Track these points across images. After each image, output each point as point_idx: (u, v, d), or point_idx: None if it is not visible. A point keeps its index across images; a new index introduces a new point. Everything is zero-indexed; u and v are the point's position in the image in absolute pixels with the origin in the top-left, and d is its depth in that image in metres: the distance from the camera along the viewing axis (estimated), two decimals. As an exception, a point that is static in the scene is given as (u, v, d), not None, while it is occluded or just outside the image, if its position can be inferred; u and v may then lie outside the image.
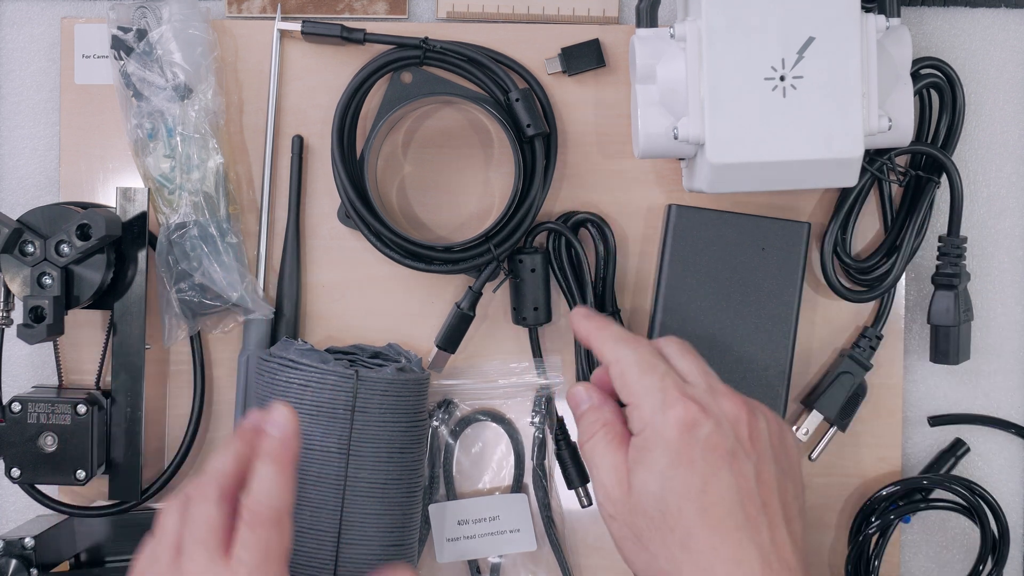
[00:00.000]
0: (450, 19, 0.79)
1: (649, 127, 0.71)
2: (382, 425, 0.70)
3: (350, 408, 0.68)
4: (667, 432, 0.58)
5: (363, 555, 0.69)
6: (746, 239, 0.74)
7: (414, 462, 0.72)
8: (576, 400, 0.64)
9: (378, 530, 0.70)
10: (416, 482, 0.73)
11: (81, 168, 0.79)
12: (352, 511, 0.69)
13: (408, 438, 0.71)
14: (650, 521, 0.57)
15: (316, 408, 0.69)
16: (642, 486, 0.58)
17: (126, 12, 0.76)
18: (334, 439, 0.69)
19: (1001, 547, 0.75)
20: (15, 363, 0.80)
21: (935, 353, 0.78)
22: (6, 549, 0.72)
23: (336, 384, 0.69)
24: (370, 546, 0.70)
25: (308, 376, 0.69)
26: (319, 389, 0.69)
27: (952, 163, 0.75)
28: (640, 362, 0.61)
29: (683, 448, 0.57)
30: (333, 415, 0.69)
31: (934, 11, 0.80)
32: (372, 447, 0.70)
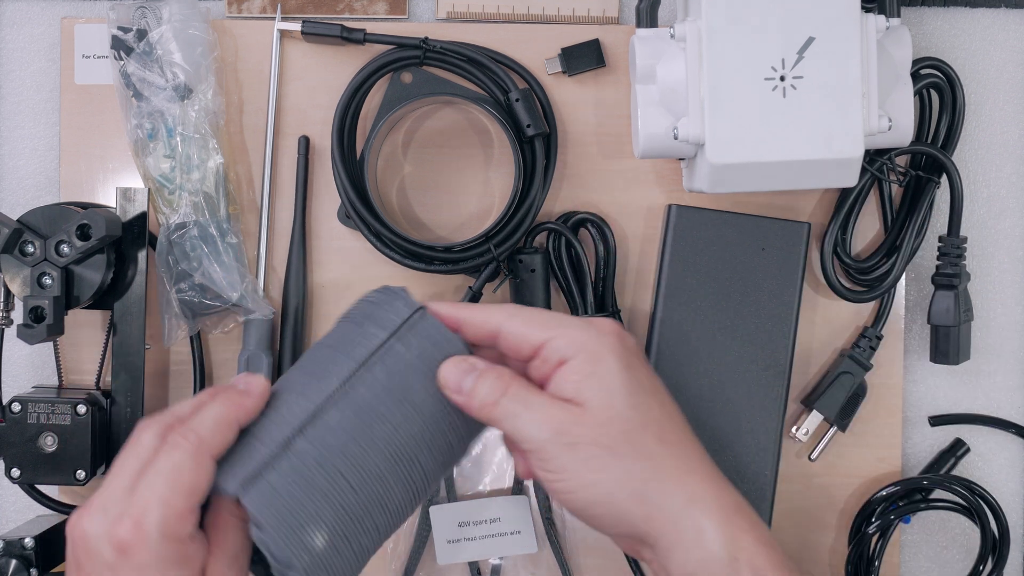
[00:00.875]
0: (450, 19, 0.79)
1: (649, 127, 0.71)
2: (408, 365, 0.59)
3: (390, 330, 0.60)
4: (611, 342, 0.58)
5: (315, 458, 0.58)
6: (746, 239, 0.74)
7: (416, 429, 0.59)
8: (459, 373, 0.57)
9: (339, 452, 0.58)
10: (409, 456, 0.59)
11: (81, 168, 0.79)
12: (328, 416, 0.58)
13: (423, 401, 0.59)
14: (622, 427, 0.57)
15: (362, 315, 0.61)
16: (605, 396, 0.57)
17: (126, 12, 0.76)
18: (360, 349, 0.60)
19: (1001, 547, 0.75)
20: (15, 363, 0.80)
21: (935, 353, 0.78)
22: (6, 549, 0.72)
23: (395, 305, 0.61)
24: (327, 454, 0.58)
25: (380, 295, 0.63)
26: (377, 303, 0.62)
27: (952, 163, 0.75)
28: (534, 308, 0.61)
29: (625, 354, 0.58)
30: (370, 328, 0.61)
31: (934, 11, 0.80)
32: (385, 377, 0.59)
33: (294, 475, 0.56)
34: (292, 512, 0.55)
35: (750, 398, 0.74)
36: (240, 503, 0.55)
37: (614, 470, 0.56)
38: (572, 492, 0.57)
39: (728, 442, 0.73)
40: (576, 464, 0.56)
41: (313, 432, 0.57)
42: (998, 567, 0.75)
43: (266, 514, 0.55)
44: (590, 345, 0.57)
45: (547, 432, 0.56)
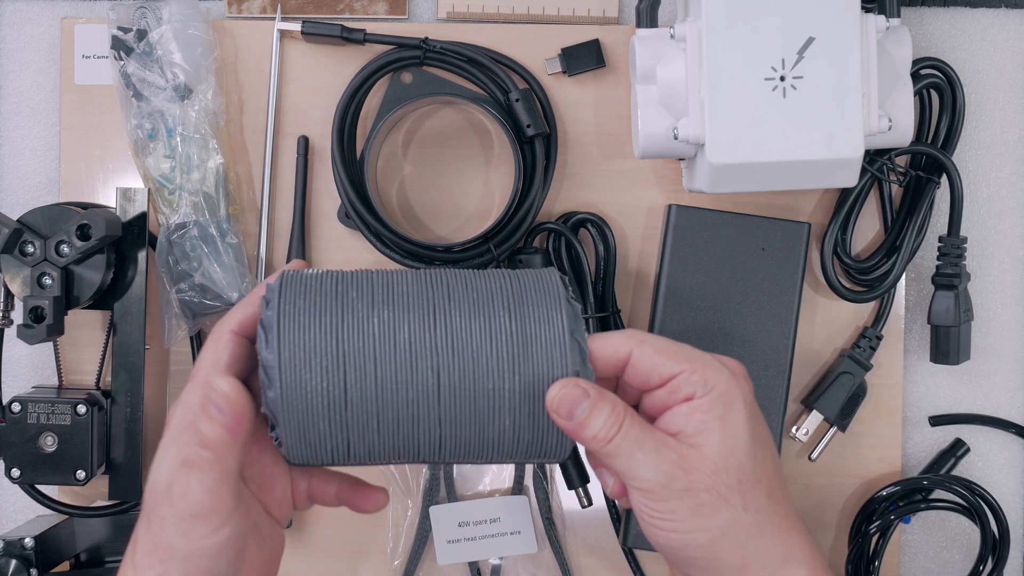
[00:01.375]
0: (450, 19, 0.79)
1: (649, 127, 0.71)
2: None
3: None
4: (742, 387, 0.56)
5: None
6: (746, 239, 0.74)
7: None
8: (572, 400, 0.54)
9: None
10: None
11: (81, 168, 0.79)
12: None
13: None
14: (739, 477, 0.55)
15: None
16: (728, 443, 0.55)
17: (126, 12, 0.76)
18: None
19: (1001, 547, 0.75)
20: (15, 363, 0.80)
21: (935, 353, 0.78)
22: (6, 549, 0.72)
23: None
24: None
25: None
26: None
27: (952, 163, 0.75)
28: (651, 335, 0.58)
29: (751, 401, 0.57)
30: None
31: (934, 11, 0.80)
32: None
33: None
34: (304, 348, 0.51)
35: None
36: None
37: (723, 519, 0.55)
38: (677, 533, 0.55)
39: (728, 442, 0.73)
40: (686, 508, 0.55)
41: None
42: (998, 567, 0.75)
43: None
44: (722, 387, 0.56)
45: (663, 477, 0.54)
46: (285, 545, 0.79)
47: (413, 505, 0.79)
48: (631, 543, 0.76)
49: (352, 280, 0.54)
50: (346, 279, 0.54)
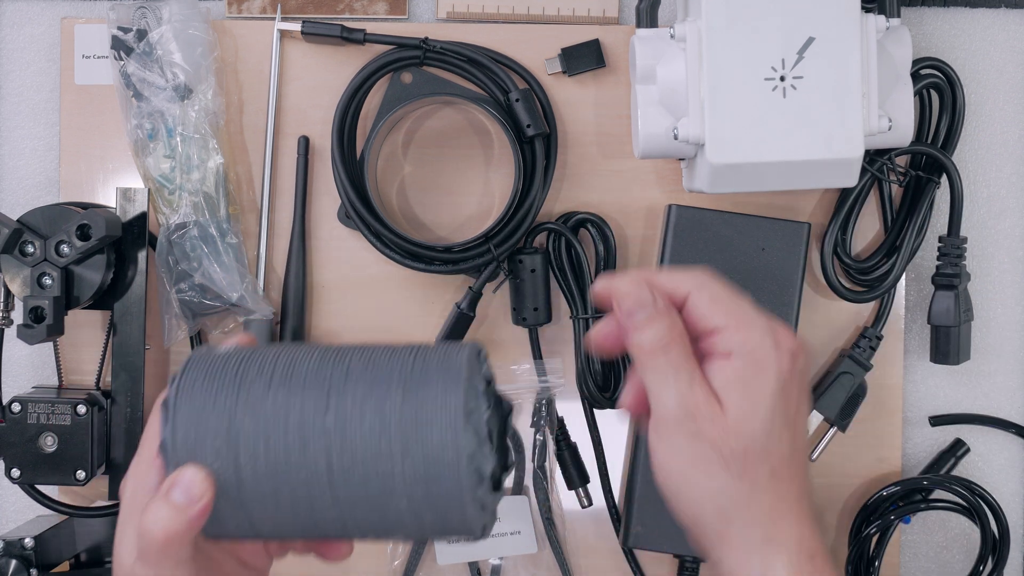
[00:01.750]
0: (450, 19, 0.79)
1: (649, 127, 0.71)
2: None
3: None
4: (781, 359, 0.55)
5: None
6: (746, 239, 0.74)
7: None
8: (638, 302, 0.55)
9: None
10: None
11: (81, 168, 0.79)
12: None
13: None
14: (745, 446, 0.55)
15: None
16: (747, 409, 0.55)
17: (126, 12, 0.76)
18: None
19: (1001, 547, 0.75)
20: (15, 363, 0.80)
21: (935, 353, 0.78)
22: (6, 549, 0.72)
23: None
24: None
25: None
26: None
27: (952, 163, 0.75)
28: (728, 287, 0.57)
29: (789, 377, 0.56)
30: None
31: (934, 11, 0.80)
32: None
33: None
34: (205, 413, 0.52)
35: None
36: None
37: (716, 480, 0.55)
38: (668, 473, 0.56)
39: (728, 442, 0.73)
40: (688, 454, 0.55)
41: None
42: (998, 567, 0.75)
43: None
44: (759, 354, 0.55)
45: (681, 411, 0.54)
46: (285, 545, 0.79)
47: (413, 505, 0.79)
48: (631, 543, 0.76)
49: (255, 360, 0.54)
50: (250, 359, 0.54)
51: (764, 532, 0.56)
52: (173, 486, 0.51)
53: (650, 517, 0.75)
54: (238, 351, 0.55)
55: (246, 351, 0.55)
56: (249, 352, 0.54)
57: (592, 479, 0.79)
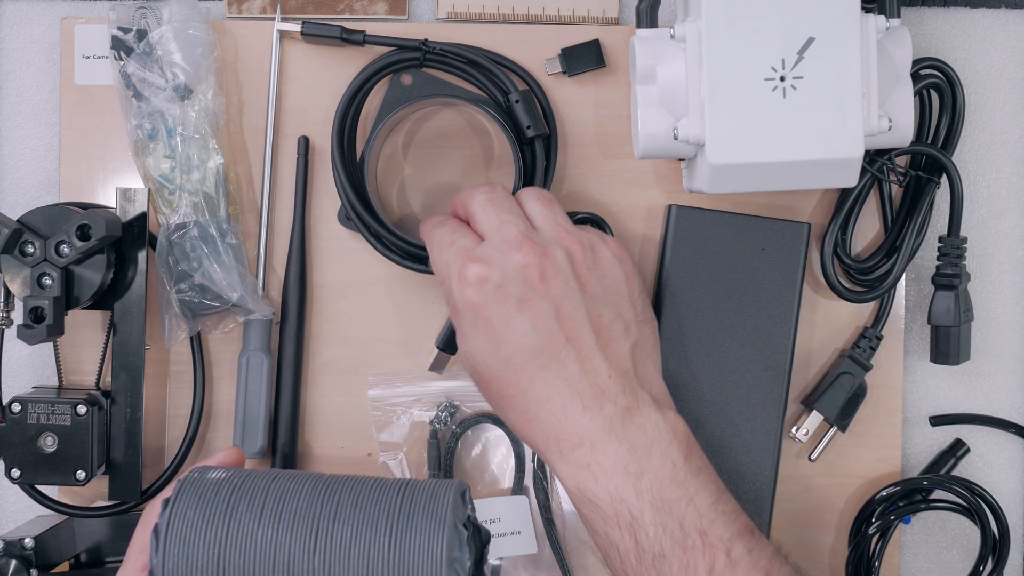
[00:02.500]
0: (450, 20, 0.79)
1: (649, 127, 0.71)
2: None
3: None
4: (464, 295, 0.61)
5: None
6: (746, 239, 0.74)
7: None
8: (431, 221, 0.71)
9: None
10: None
11: (81, 169, 0.79)
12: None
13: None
14: (478, 380, 0.62)
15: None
16: (463, 353, 0.62)
17: (126, 12, 0.76)
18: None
19: (1001, 548, 0.75)
20: (15, 363, 0.80)
21: (935, 354, 0.78)
22: (6, 550, 0.72)
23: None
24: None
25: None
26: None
27: (952, 164, 0.75)
28: (449, 225, 0.65)
29: (479, 307, 0.60)
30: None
31: (934, 11, 0.80)
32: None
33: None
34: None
35: (750, 398, 0.74)
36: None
37: (497, 408, 0.63)
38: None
39: (728, 442, 0.73)
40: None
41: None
42: (998, 567, 0.75)
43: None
44: (452, 301, 0.64)
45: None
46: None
47: (413, 505, 0.79)
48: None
49: (246, 490, 0.55)
50: (241, 488, 0.55)
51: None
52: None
53: (650, 517, 0.75)
54: (229, 478, 0.56)
55: (238, 478, 0.56)
56: (241, 480, 0.56)
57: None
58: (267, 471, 0.58)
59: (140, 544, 0.55)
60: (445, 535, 0.54)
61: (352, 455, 0.79)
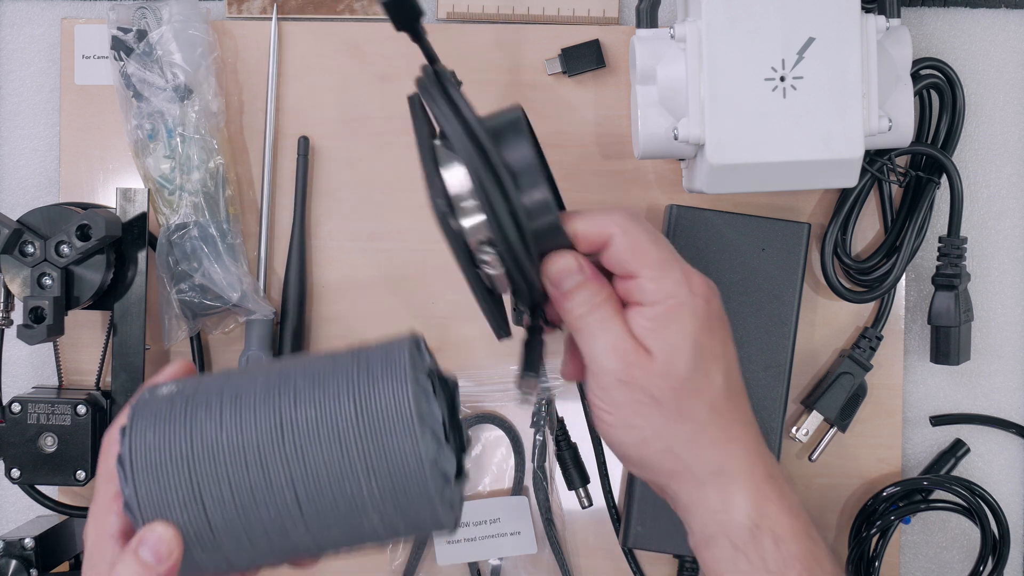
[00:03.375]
0: (450, 20, 0.79)
1: (649, 128, 0.71)
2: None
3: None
4: (695, 302, 0.58)
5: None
6: (746, 239, 0.74)
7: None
8: (566, 271, 0.58)
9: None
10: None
11: (81, 169, 0.79)
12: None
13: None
14: (675, 386, 0.57)
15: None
16: (671, 350, 0.57)
17: (126, 13, 0.76)
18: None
19: (1001, 548, 0.75)
20: (15, 363, 0.80)
21: (936, 354, 0.78)
22: (6, 550, 0.72)
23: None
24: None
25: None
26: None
27: (952, 164, 0.75)
28: (649, 232, 0.59)
29: (707, 317, 0.58)
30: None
31: (934, 11, 0.80)
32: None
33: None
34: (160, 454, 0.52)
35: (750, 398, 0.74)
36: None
37: (655, 422, 0.57)
38: (612, 427, 0.58)
39: (728, 442, 0.73)
40: (624, 403, 0.57)
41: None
42: (998, 567, 0.75)
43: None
44: (673, 301, 0.57)
45: (613, 363, 0.57)
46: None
47: (413, 505, 0.79)
48: (631, 543, 0.76)
49: (200, 397, 0.53)
50: (195, 398, 0.53)
51: (714, 464, 0.58)
52: (141, 543, 0.51)
53: (650, 517, 0.75)
54: (181, 389, 0.54)
55: (189, 387, 0.54)
56: (193, 389, 0.54)
57: (592, 479, 0.78)
58: (217, 373, 0.56)
59: (106, 474, 0.54)
60: (410, 392, 0.51)
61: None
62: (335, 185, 0.79)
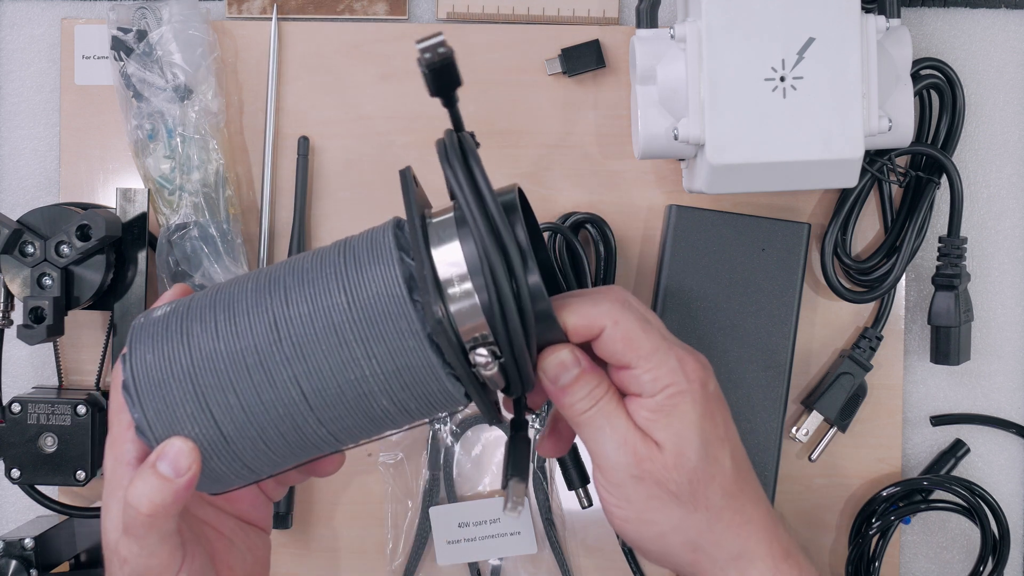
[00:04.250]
0: (450, 20, 0.79)
1: (649, 128, 0.71)
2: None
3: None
4: (693, 388, 0.57)
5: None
6: (746, 239, 0.74)
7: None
8: (563, 367, 0.55)
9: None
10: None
11: (81, 169, 0.79)
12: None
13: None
14: (689, 476, 0.56)
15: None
16: (679, 441, 0.56)
17: (126, 13, 0.76)
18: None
19: (1001, 548, 0.75)
20: (15, 364, 0.80)
21: (936, 354, 0.78)
22: (6, 550, 0.72)
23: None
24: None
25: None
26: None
27: (952, 164, 0.75)
28: (640, 319, 0.58)
29: (706, 402, 0.57)
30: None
31: (934, 12, 0.80)
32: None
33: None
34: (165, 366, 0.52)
35: (750, 398, 0.74)
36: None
37: (673, 515, 0.56)
38: (627, 521, 0.57)
39: (728, 443, 0.73)
40: (639, 498, 0.57)
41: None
42: (998, 567, 0.75)
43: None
44: (672, 390, 0.56)
45: (624, 457, 0.56)
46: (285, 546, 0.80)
47: (413, 506, 0.79)
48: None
49: (193, 312, 0.53)
50: (188, 313, 0.53)
51: (734, 549, 0.57)
52: (160, 458, 0.51)
53: (650, 517, 0.75)
54: (174, 308, 0.54)
55: (181, 305, 0.54)
56: (185, 306, 0.54)
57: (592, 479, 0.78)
58: (207, 288, 0.56)
59: (117, 405, 0.54)
60: (398, 272, 0.51)
61: (351, 455, 0.79)
62: (335, 185, 0.79)
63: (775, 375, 0.74)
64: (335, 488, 0.79)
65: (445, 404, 0.53)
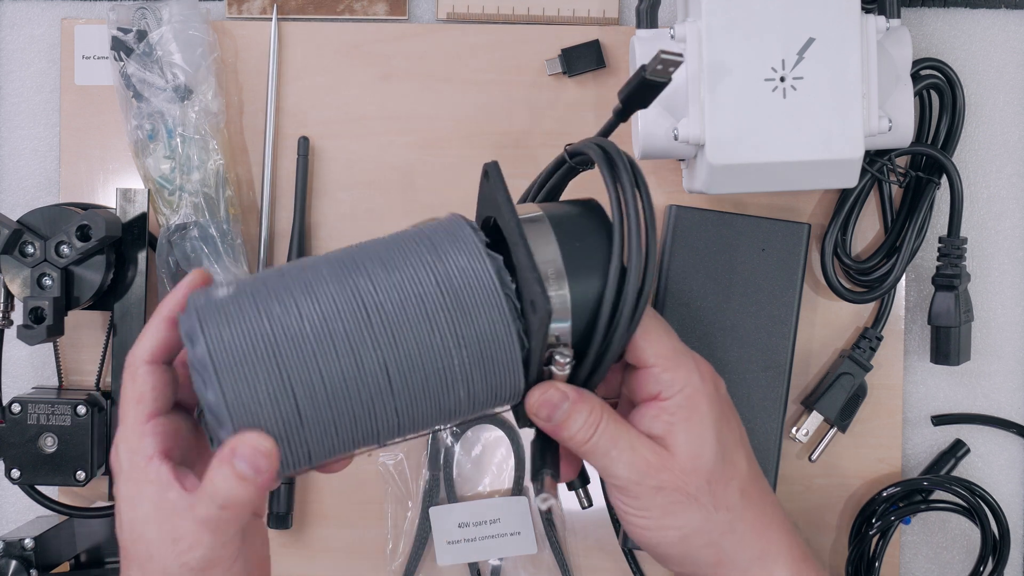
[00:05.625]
0: (450, 20, 0.79)
1: (649, 128, 0.71)
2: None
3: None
4: (708, 389, 0.58)
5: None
6: (746, 240, 0.74)
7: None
8: (552, 404, 0.55)
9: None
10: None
11: (81, 169, 0.79)
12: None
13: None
14: (707, 475, 0.57)
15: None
16: (695, 445, 0.56)
17: (126, 13, 0.76)
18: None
19: (1001, 548, 0.75)
20: (15, 364, 0.80)
21: (936, 354, 0.78)
22: (6, 550, 0.72)
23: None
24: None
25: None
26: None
27: (952, 164, 0.75)
28: (659, 321, 0.58)
29: (721, 403, 0.58)
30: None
31: (934, 12, 0.80)
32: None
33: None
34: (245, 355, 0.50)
35: (750, 398, 0.74)
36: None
37: (694, 518, 0.57)
38: (649, 530, 0.57)
39: (728, 443, 0.73)
40: (658, 506, 0.57)
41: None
42: (998, 568, 0.75)
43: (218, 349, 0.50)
44: (690, 390, 0.57)
45: (635, 474, 0.56)
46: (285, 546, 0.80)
47: (413, 506, 0.79)
48: (631, 544, 0.76)
49: (267, 293, 0.52)
50: (260, 294, 0.52)
51: (756, 549, 0.58)
52: (235, 456, 0.50)
53: (650, 518, 0.75)
54: (241, 290, 0.52)
55: (246, 287, 0.52)
56: (253, 287, 0.52)
57: (592, 479, 0.78)
58: (265, 272, 0.54)
59: (134, 396, 0.52)
60: (488, 263, 0.51)
61: (352, 455, 0.79)
62: (335, 185, 0.79)
63: (775, 375, 0.74)
64: (335, 488, 0.79)
65: (505, 400, 0.54)
